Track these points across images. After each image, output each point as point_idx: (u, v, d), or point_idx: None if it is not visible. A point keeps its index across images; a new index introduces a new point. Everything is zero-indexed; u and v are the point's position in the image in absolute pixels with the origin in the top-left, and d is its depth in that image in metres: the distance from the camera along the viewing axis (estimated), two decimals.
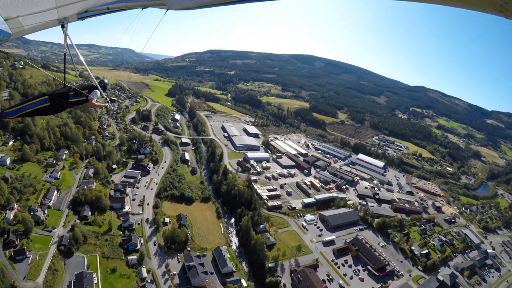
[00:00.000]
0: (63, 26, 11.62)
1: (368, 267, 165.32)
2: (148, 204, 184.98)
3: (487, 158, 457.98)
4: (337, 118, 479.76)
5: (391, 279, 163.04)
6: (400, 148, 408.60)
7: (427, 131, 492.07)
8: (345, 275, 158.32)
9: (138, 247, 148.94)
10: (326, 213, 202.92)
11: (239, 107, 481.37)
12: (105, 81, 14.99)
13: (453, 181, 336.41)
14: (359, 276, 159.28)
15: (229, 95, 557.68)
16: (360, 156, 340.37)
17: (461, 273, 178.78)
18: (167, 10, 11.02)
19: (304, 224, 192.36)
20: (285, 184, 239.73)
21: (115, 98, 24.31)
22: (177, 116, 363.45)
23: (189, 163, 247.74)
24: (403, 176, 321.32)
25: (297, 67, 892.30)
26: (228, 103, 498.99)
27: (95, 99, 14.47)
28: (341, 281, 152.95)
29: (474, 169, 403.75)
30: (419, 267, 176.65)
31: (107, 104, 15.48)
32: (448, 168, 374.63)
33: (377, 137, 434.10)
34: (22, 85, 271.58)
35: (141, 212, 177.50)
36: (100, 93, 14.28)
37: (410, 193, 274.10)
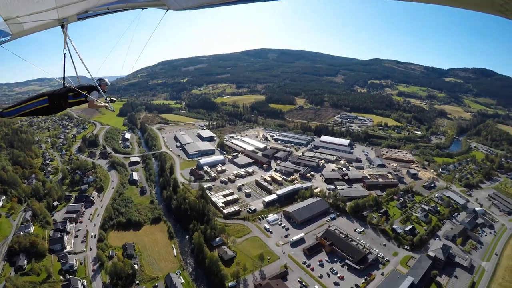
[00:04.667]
0: (63, 27, 12.13)
1: (347, 261, 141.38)
2: (92, 238, 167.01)
3: (452, 115, 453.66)
4: (295, 105, 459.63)
5: (376, 268, 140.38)
6: (364, 122, 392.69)
7: (388, 100, 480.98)
8: (321, 277, 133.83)
9: None
10: (290, 208, 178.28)
11: (194, 113, 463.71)
12: (106, 80, 16.35)
13: (424, 144, 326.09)
14: (338, 275, 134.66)
15: (183, 103, 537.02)
16: (323, 138, 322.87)
17: (453, 241, 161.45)
18: (167, 10, 11.18)
19: (267, 226, 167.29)
20: (243, 185, 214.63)
21: (115, 99, 18.65)
22: (128, 135, 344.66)
23: (138, 183, 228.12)
24: (372, 149, 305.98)
25: (250, 62, 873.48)
26: (182, 111, 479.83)
27: (95, 100, 15.22)
28: (317, 286, 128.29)
29: (442, 127, 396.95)
30: (406, 246, 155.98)
31: (107, 104, 15.77)
32: (416, 132, 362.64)
33: (338, 116, 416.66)
34: None
35: (84, 249, 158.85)
36: (99, 93, 15.41)
37: (382, 165, 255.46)
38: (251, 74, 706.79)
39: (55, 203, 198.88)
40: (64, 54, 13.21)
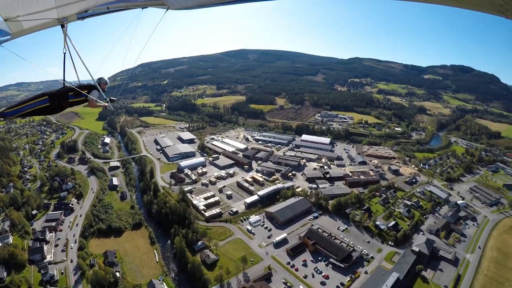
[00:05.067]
0: (62, 26, 12.10)
1: (331, 260, 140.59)
2: (72, 247, 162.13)
3: (432, 111, 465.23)
4: (276, 105, 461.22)
5: (361, 266, 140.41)
6: (345, 120, 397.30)
7: (368, 97, 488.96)
8: (305, 277, 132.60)
9: None
10: (272, 208, 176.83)
11: (174, 115, 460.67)
12: (105, 79, 16.65)
13: (405, 140, 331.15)
14: (323, 274, 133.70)
15: (164, 105, 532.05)
16: (304, 137, 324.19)
17: (437, 235, 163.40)
18: (167, 10, 11.21)
19: (249, 227, 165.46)
20: (224, 186, 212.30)
21: (115, 98, 18.81)
22: (107, 140, 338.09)
23: (118, 189, 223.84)
24: (353, 147, 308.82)
25: (231, 63, 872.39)
26: (163, 114, 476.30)
27: (95, 99, 15.47)
28: (302, 286, 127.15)
29: (422, 123, 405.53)
30: (390, 242, 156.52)
31: (107, 104, 16.10)
32: (396, 128, 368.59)
33: (319, 114, 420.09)
34: None
35: (65, 258, 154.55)
36: (99, 92, 15.70)
37: (363, 163, 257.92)
38: (231, 75, 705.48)
39: (34, 212, 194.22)
40: (64, 53, 13.33)
